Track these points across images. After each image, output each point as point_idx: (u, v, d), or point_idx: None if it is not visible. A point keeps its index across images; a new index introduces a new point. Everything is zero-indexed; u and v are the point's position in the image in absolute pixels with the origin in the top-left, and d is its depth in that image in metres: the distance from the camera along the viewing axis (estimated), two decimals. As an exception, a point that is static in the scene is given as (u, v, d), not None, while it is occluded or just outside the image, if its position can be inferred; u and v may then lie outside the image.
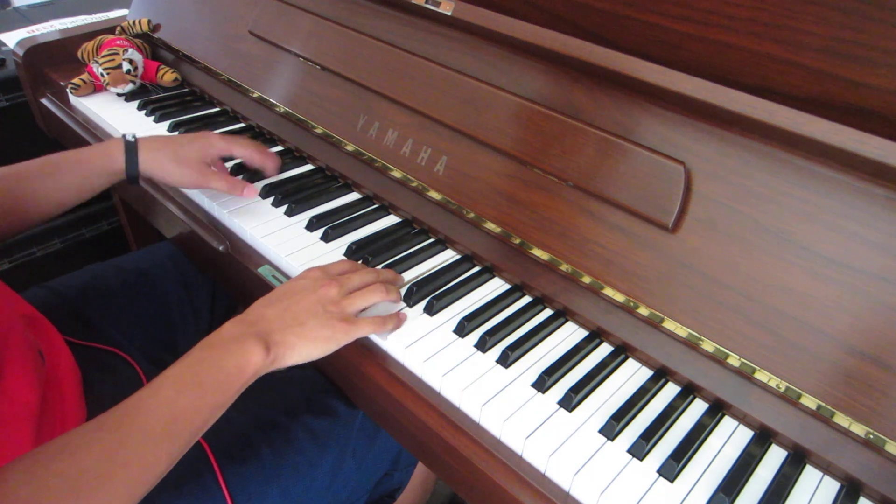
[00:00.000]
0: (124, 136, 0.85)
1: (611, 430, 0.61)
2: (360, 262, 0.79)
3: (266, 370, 0.61)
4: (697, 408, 0.65)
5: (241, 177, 0.94)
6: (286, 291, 0.67)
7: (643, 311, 0.68)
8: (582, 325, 0.73)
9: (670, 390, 0.67)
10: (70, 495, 0.48)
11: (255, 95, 1.07)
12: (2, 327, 0.63)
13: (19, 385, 0.60)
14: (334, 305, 0.66)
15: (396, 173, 0.88)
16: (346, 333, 0.65)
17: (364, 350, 0.69)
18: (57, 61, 1.22)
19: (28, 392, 0.61)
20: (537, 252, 0.75)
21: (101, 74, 1.11)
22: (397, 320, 0.70)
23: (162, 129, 1.06)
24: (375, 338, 0.69)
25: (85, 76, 1.13)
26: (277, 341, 0.61)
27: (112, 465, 0.51)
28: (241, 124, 1.10)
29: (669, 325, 0.66)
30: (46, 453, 0.50)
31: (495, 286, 0.78)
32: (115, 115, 1.09)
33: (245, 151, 0.91)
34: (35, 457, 0.50)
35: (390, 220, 0.89)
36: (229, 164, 0.98)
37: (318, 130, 0.98)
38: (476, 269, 0.80)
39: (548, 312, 0.75)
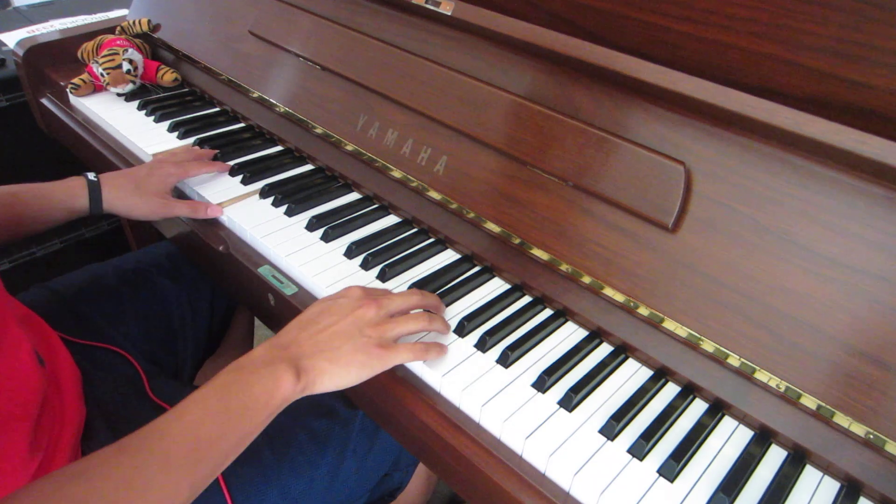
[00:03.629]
0: (86, 175, 0.85)
1: (611, 430, 0.61)
2: (361, 261, 0.79)
3: (297, 396, 0.58)
4: (697, 408, 0.65)
5: (240, 176, 0.94)
6: (323, 311, 0.63)
7: (643, 311, 0.68)
8: (582, 325, 0.73)
9: (670, 390, 0.67)
10: None
11: (255, 95, 1.07)
12: None
13: (13, 384, 0.60)
14: (372, 329, 0.62)
15: (396, 173, 0.88)
16: (381, 360, 0.61)
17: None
18: (57, 61, 1.22)
19: (26, 392, 0.61)
20: (537, 252, 0.75)
21: (101, 74, 1.11)
22: (441, 349, 0.66)
23: (162, 128, 1.06)
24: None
25: (85, 76, 1.13)
26: (308, 367, 0.59)
27: (130, 491, 0.49)
28: (241, 124, 1.10)
29: (669, 325, 0.66)
30: (63, 477, 0.49)
31: (495, 286, 0.78)
32: (115, 115, 1.09)
33: (200, 170, 0.92)
34: (52, 480, 0.48)
35: (390, 220, 0.89)
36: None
37: (318, 130, 0.98)
38: (476, 269, 0.80)
39: (548, 312, 0.75)
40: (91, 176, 0.86)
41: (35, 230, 0.84)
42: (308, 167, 0.99)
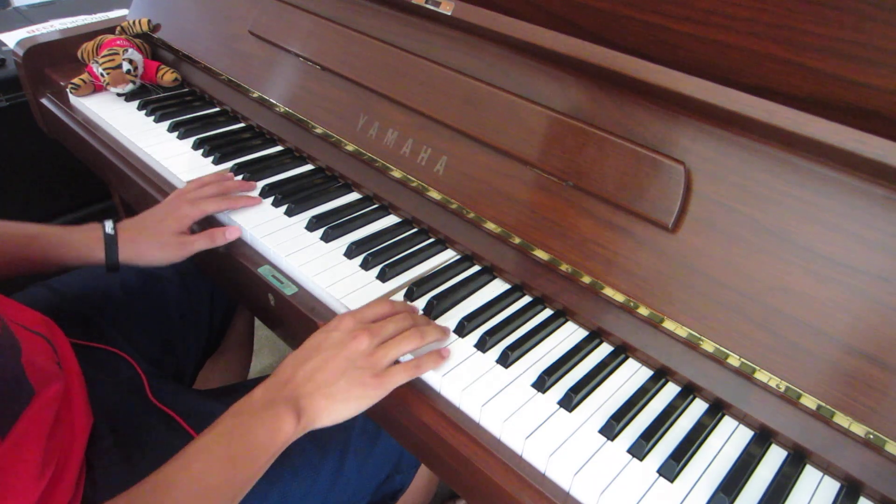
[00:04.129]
0: (104, 225, 0.82)
1: (611, 430, 0.61)
2: (361, 261, 0.79)
3: (298, 436, 0.60)
4: (697, 408, 0.65)
5: (241, 177, 0.94)
6: (316, 347, 0.64)
7: (643, 310, 0.68)
8: (582, 325, 0.73)
9: (670, 390, 0.67)
10: None
11: (255, 95, 1.07)
12: (48, 355, 0.63)
13: (37, 410, 0.60)
14: (365, 360, 0.63)
15: (396, 173, 0.88)
16: (377, 389, 0.62)
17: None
18: (57, 61, 1.22)
19: (46, 410, 0.60)
20: (537, 252, 0.75)
21: (101, 74, 1.11)
22: (437, 358, 0.66)
23: (162, 128, 1.06)
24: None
25: (85, 76, 1.13)
26: (306, 406, 0.60)
27: None
28: (241, 124, 1.10)
29: (669, 324, 0.66)
30: None
31: (495, 286, 0.78)
32: (115, 115, 1.09)
33: (218, 206, 0.87)
34: None
35: (390, 220, 0.89)
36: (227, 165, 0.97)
37: (318, 130, 0.98)
38: (476, 269, 0.80)
39: (548, 312, 0.75)
40: (108, 228, 0.82)
41: (44, 271, 0.82)
42: (308, 167, 0.99)
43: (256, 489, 0.70)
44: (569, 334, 0.72)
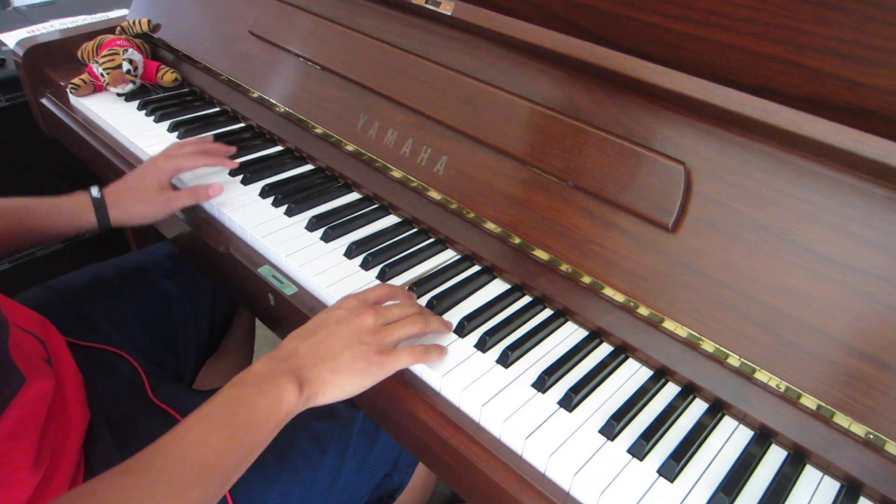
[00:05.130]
0: (90, 190, 0.85)
1: (611, 430, 0.61)
2: (361, 261, 0.79)
3: (301, 409, 0.59)
4: (697, 408, 0.65)
5: (240, 176, 0.94)
6: (320, 323, 0.64)
7: (643, 310, 0.68)
8: (582, 324, 0.73)
9: (670, 390, 0.67)
10: None
11: (255, 95, 1.07)
12: (24, 345, 0.63)
13: (29, 401, 0.59)
14: (370, 336, 0.62)
15: (396, 173, 0.88)
16: (382, 366, 0.62)
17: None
18: (57, 61, 1.22)
19: (37, 404, 0.60)
20: (537, 252, 0.75)
21: (101, 74, 1.11)
22: (440, 351, 0.66)
23: (162, 129, 1.06)
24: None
25: (85, 76, 1.13)
26: (310, 378, 0.59)
27: None
28: (241, 124, 1.10)
29: (669, 324, 0.66)
30: (69, 501, 0.48)
31: (495, 286, 0.78)
32: (115, 115, 1.09)
33: (193, 162, 0.91)
34: None
35: (390, 220, 0.89)
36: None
37: (318, 130, 0.98)
38: (476, 269, 0.80)
39: (548, 312, 0.75)
40: (94, 192, 0.85)
41: (44, 242, 0.85)
42: (308, 167, 0.99)
43: (256, 489, 0.71)
44: (569, 334, 0.72)
